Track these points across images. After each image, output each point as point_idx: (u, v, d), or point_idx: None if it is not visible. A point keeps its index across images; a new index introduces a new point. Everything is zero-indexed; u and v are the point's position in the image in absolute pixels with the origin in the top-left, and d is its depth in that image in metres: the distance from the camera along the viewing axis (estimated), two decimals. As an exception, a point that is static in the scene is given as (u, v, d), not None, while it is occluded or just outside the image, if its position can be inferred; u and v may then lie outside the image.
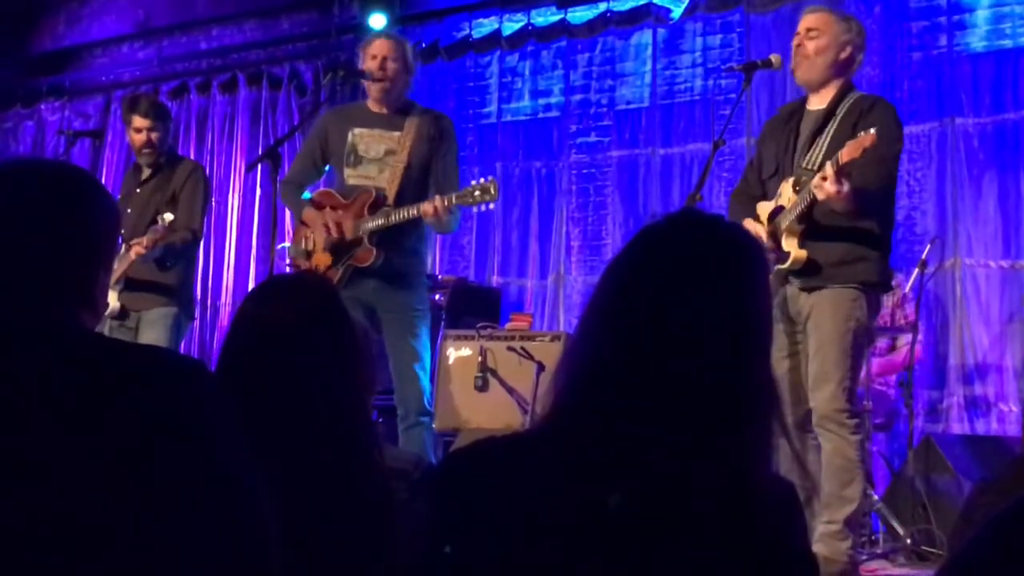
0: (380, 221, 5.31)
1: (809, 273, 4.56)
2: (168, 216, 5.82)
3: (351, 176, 5.50)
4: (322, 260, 5.42)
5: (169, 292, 5.96)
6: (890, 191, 4.63)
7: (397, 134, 5.47)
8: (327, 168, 5.72)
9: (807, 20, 4.77)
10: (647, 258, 1.73)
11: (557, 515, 1.60)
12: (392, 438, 5.62)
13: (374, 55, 5.49)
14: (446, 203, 5.15)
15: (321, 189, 5.71)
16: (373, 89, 5.53)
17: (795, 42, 4.75)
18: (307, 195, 5.65)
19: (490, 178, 5.17)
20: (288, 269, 6.11)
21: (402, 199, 5.36)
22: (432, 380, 6.64)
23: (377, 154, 5.48)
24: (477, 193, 5.13)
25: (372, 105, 5.59)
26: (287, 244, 6.21)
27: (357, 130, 5.53)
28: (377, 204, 5.36)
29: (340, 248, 5.39)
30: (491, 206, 5.25)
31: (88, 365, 1.60)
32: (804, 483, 4.34)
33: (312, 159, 5.70)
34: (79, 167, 2.00)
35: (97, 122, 10.26)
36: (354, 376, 2.39)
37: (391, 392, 6.11)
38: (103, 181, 9.85)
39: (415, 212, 5.25)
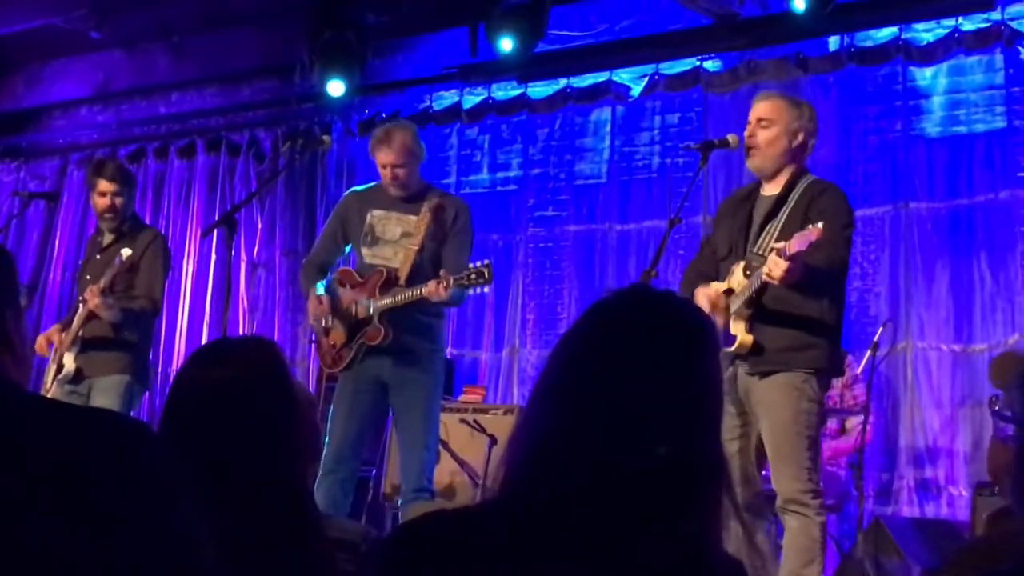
0: (388, 301, 5.47)
1: (756, 357, 4.56)
2: (126, 251, 5.85)
3: (367, 256, 5.69)
4: (337, 338, 5.61)
5: (124, 358, 5.96)
6: (841, 276, 4.64)
7: (413, 218, 5.64)
8: (348, 248, 5.90)
9: (758, 109, 4.77)
10: (597, 334, 1.73)
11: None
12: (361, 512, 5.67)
13: (383, 164, 5.64)
14: (444, 285, 5.26)
15: (342, 268, 5.89)
16: (390, 188, 5.68)
17: (747, 132, 4.75)
18: (321, 286, 5.74)
19: (486, 262, 5.30)
20: (312, 345, 6.60)
21: (414, 280, 5.49)
22: (385, 450, 6.68)
23: (393, 236, 5.66)
24: (473, 276, 5.26)
25: (390, 188, 5.72)
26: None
27: (376, 212, 5.72)
28: (388, 284, 5.53)
29: (353, 326, 5.56)
30: (485, 289, 5.39)
31: (17, 423, 1.57)
32: (754, 562, 4.33)
33: (334, 239, 5.91)
34: None
35: (53, 184, 10.20)
36: (293, 442, 2.36)
37: (369, 464, 6.24)
38: (57, 243, 9.86)
39: (419, 293, 5.38)
